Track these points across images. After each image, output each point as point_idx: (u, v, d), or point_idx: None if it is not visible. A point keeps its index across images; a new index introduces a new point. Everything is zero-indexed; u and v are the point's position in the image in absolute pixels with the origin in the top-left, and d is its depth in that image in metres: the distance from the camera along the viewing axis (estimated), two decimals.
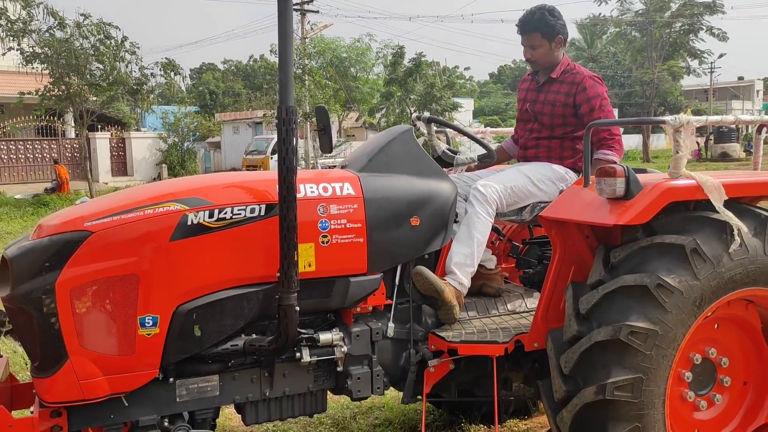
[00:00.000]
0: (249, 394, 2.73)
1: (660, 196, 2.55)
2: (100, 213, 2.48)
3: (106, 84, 19.80)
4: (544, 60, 3.37)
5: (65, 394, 2.39)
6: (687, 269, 2.51)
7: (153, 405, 2.56)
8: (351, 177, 2.85)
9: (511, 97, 52.30)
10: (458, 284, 2.99)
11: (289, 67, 2.44)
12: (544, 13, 3.31)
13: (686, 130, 2.59)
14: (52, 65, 18.89)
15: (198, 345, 2.56)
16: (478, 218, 3.02)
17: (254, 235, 2.57)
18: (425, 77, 29.11)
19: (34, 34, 18.84)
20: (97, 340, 2.41)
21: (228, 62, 55.59)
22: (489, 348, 2.85)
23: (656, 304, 2.47)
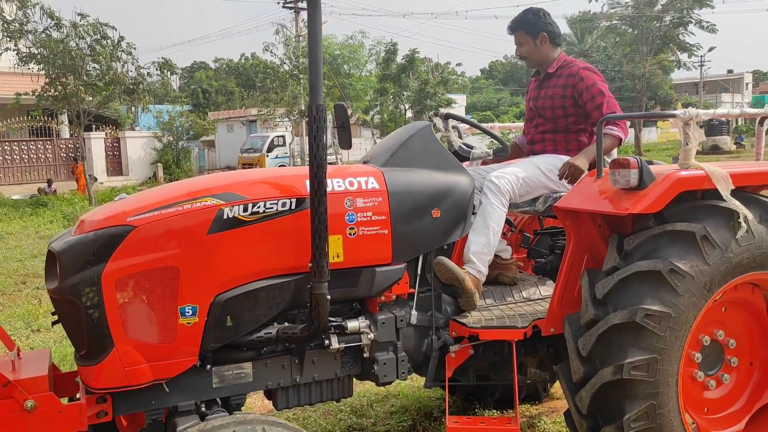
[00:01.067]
0: (280, 380, 2.85)
1: (672, 186, 2.68)
2: (142, 208, 2.59)
3: (102, 84, 19.81)
4: (533, 57, 3.60)
5: (111, 381, 2.51)
6: (698, 255, 2.64)
7: (191, 391, 2.68)
8: (375, 171, 2.97)
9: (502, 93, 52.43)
10: (477, 272, 3.14)
11: (319, 68, 2.55)
12: (527, 12, 3.58)
13: (695, 123, 2.73)
14: (48, 66, 18.88)
15: (234, 333, 2.68)
16: (493, 208, 3.17)
17: (286, 228, 2.70)
18: (419, 74, 29.29)
19: (31, 34, 18.80)
20: (141, 328, 2.52)
21: (220, 61, 55.48)
22: (509, 333, 2.99)
23: (669, 288, 2.61)
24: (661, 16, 35.04)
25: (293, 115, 27.55)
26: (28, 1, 18.61)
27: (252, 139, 29.77)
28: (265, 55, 28.06)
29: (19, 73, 19.23)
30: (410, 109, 29.56)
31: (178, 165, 27.87)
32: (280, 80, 27.26)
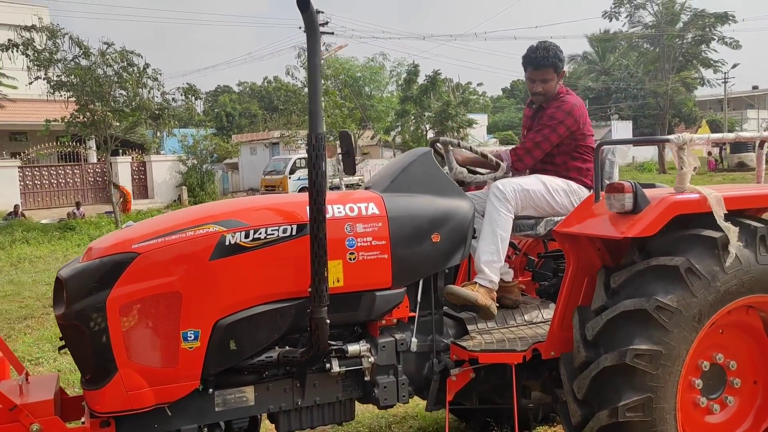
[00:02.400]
0: (282, 403, 2.88)
1: (667, 210, 2.69)
2: (146, 235, 2.68)
3: (129, 110, 20.26)
4: (551, 93, 3.56)
5: (114, 405, 2.56)
6: (683, 288, 2.62)
7: (194, 415, 2.73)
8: (375, 197, 3.02)
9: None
10: (488, 282, 3.16)
11: (318, 97, 2.63)
12: (557, 51, 3.51)
13: (689, 148, 2.75)
14: (77, 93, 19.38)
15: (236, 357, 2.73)
16: (499, 215, 3.19)
17: (287, 254, 2.75)
18: (440, 94, 29.44)
19: (60, 63, 19.35)
20: (144, 353, 2.58)
21: (243, 84, 56.36)
22: (508, 356, 2.99)
23: (657, 325, 2.59)
24: (683, 34, 34.86)
25: None
26: (57, 31, 19.21)
27: (275, 162, 30.07)
28: (287, 78, 28.47)
29: (49, 101, 19.75)
30: (431, 130, 29.68)
31: (202, 188, 28.23)
32: (301, 103, 27.58)
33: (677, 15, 34.74)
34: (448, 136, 29.30)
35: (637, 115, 45.53)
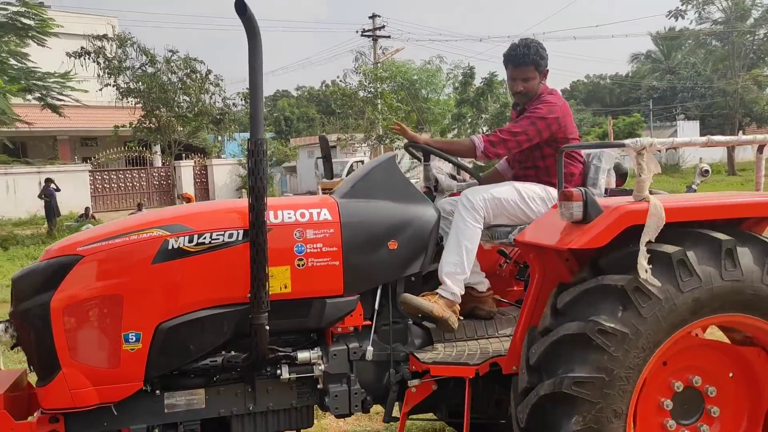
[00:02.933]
0: (234, 408, 2.84)
1: (617, 220, 2.46)
2: (92, 238, 2.71)
3: (192, 115, 20.92)
4: (531, 92, 3.41)
5: (58, 402, 2.61)
6: (631, 309, 2.38)
7: (143, 415, 2.73)
8: (330, 203, 2.94)
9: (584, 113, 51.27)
10: (450, 294, 3.01)
11: (259, 102, 2.60)
12: (538, 48, 3.36)
13: (649, 153, 2.51)
14: (144, 99, 20.14)
15: (179, 360, 2.72)
16: (465, 225, 3.05)
17: (232, 259, 2.70)
18: (497, 96, 29.12)
19: (129, 70, 20.15)
20: (86, 353, 2.61)
21: (301, 88, 57.27)
22: (460, 370, 2.83)
23: (600, 350, 2.36)
24: (755, 30, 33.39)
25: (371, 140, 27.99)
26: (126, 40, 20.02)
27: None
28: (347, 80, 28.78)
29: (116, 107, 20.60)
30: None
31: None
32: (356, 106, 27.82)
33: (748, 10, 33.30)
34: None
35: (705, 115, 43.80)
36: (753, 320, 2.57)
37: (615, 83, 55.71)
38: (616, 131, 33.27)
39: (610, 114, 32.30)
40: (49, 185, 19.41)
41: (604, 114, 41.56)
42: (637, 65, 49.61)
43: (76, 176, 23.59)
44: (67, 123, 21.08)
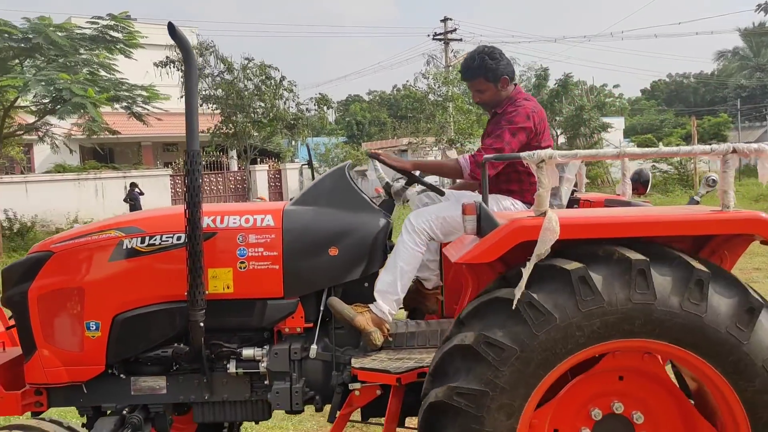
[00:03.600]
0: (192, 395, 3.09)
1: (508, 236, 2.39)
2: (65, 237, 3.12)
3: (266, 120, 21.48)
4: (494, 101, 3.40)
5: (35, 378, 3.01)
6: (522, 325, 2.29)
7: (112, 395, 3.07)
8: (275, 210, 3.10)
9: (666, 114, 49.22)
10: (379, 311, 3.04)
11: (194, 115, 2.77)
12: (484, 58, 3.32)
13: (549, 166, 2.39)
14: (222, 105, 20.85)
15: (133, 349, 3.03)
16: (404, 247, 3.08)
17: (179, 259, 2.88)
18: (572, 98, 28.40)
19: (208, 78, 20.93)
20: (57, 337, 3.00)
21: (373, 93, 57.74)
22: (382, 377, 2.85)
23: (486, 363, 2.30)
24: None
25: (442, 144, 27.91)
26: (207, 49, 20.82)
27: None
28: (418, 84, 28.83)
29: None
30: (562, 135, 28.68)
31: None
32: (427, 110, 27.80)
33: None
34: (581, 141, 28.34)
35: None
36: (672, 348, 2.32)
37: (699, 82, 53.28)
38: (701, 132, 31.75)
39: (694, 114, 30.88)
40: (134, 189, 20.34)
41: (688, 114, 39.77)
42: (724, 63, 47.23)
43: (158, 180, 24.62)
44: (151, 129, 22.06)
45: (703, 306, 2.27)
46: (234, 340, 3.11)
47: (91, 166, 25.04)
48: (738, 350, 2.29)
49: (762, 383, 2.29)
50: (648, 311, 2.28)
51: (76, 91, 13.47)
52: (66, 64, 14.39)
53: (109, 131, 16.76)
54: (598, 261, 2.35)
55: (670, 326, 2.29)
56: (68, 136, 20.25)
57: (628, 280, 2.29)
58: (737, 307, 2.30)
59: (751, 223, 2.39)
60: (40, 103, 15.41)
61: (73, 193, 21.99)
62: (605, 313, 2.28)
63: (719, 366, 2.32)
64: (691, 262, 2.32)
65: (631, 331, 2.31)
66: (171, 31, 2.77)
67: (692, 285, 2.28)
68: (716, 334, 2.28)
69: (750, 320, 2.29)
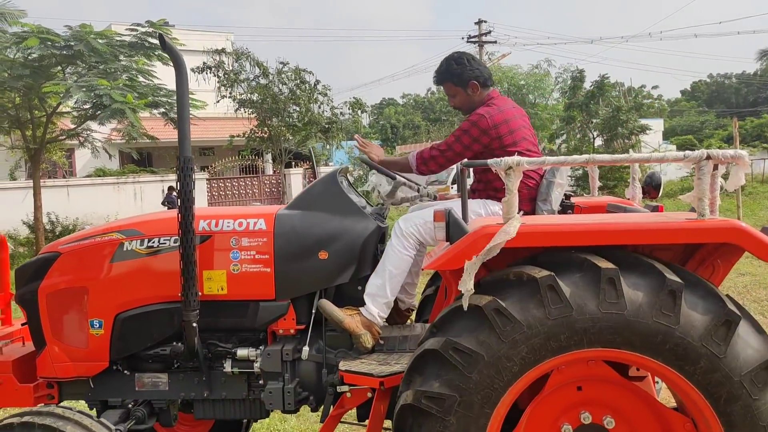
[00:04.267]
0: (193, 393, 3.21)
1: (475, 242, 2.40)
2: (71, 239, 3.27)
3: (301, 124, 21.62)
4: (466, 105, 3.44)
5: (46, 372, 3.17)
6: (489, 331, 2.29)
7: (117, 390, 3.23)
8: (267, 214, 3.20)
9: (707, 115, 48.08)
10: (369, 314, 3.09)
11: (186, 122, 2.87)
12: (450, 63, 3.41)
13: (516, 172, 2.39)
14: (257, 110, 21.06)
15: (135, 346, 3.16)
16: (393, 251, 3.13)
17: (175, 261, 2.96)
18: (609, 100, 27.91)
19: (244, 83, 21.17)
20: (64, 333, 3.15)
21: (407, 96, 57.76)
22: (365, 380, 2.89)
23: (453, 368, 2.31)
24: None
25: None
26: (242, 54, 21.07)
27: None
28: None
29: (231, 118, 21.67)
30: (599, 137, 28.24)
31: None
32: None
33: None
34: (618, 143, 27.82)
35: None
36: (642, 359, 2.27)
37: (742, 82, 51.85)
38: (743, 134, 30.90)
39: (736, 116, 30.09)
40: (171, 193, 20.72)
41: (729, 115, 38.75)
42: (767, 63, 45.94)
43: (195, 184, 25.01)
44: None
45: (675, 317, 2.23)
46: (229, 340, 3.22)
47: (130, 170, 25.57)
48: (715, 364, 2.23)
49: (741, 398, 2.23)
50: (619, 322, 2.25)
51: (116, 97, 13.77)
52: (106, 71, 14.72)
53: (147, 136, 17.06)
54: (568, 269, 2.34)
55: (644, 338, 2.25)
56: (108, 141, 20.72)
57: (597, 289, 2.26)
58: (713, 320, 2.24)
59: (727, 232, 2.33)
60: (81, 109, 15.78)
61: (113, 197, 22.49)
62: (574, 321, 2.27)
63: (693, 380, 2.27)
64: (663, 272, 2.28)
65: (601, 341, 2.28)
66: (162, 42, 2.86)
67: (664, 295, 2.24)
68: (691, 347, 2.23)
69: (726, 334, 2.23)
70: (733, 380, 2.22)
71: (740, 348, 2.23)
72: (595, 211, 3.42)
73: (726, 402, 2.24)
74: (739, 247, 2.42)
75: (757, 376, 2.22)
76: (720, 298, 2.30)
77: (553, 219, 2.84)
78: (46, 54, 14.07)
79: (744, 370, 2.22)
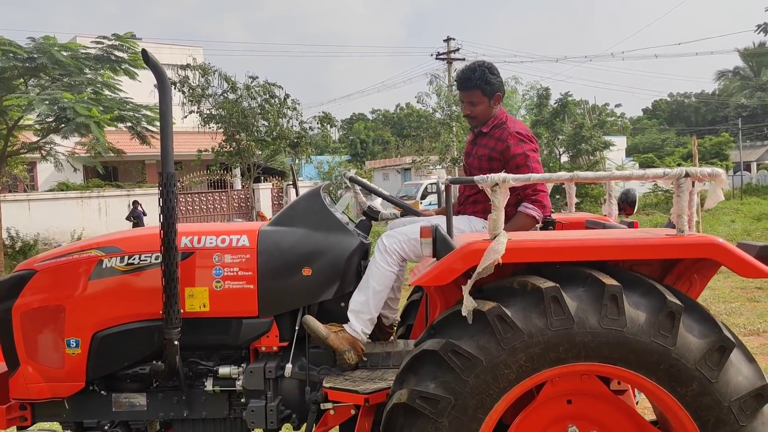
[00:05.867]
0: (172, 413, 3.13)
1: (462, 258, 2.42)
2: (48, 256, 3.19)
3: (270, 139, 21.55)
4: (483, 116, 3.39)
5: (19, 393, 3.08)
6: (490, 336, 2.31)
7: (93, 411, 3.13)
8: (250, 230, 3.15)
9: (667, 133, 49.28)
10: (353, 331, 3.07)
11: (169, 139, 2.85)
12: (485, 71, 3.34)
13: (503, 188, 2.41)
14: (225, 124, 20.94)
15: (113, 365, 3.07)
16: (377, 268, 3.11)
17: (157, 278, 2.92)
18: (574, 117, 28.47)
19: (211, 98, 21.04)
20: (39, 353, 3.06)
21: (376, 112, 58.04)
22: (350, 396, 2.86)
23: (450, 371, 2.32)
24: None
25: (446, 163, 27.96)
26: (209, 69, 20.96)
27: (406, 187, 30.56)
28: (419, 105, 28.93)
29: (199, 133, 21.48)
30: (565, 153, 28.74)
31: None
32: (432, 129, 27.89)
33: None
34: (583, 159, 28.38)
35: None
36: (636, 377, 2.30)
37: (701, 102, 53.40)
38: (702, 151, 31.77)
39: (695, 134, 30.96)
40: (137, 207, 20.42)
41: (689, 134, 39.84)
42: (725, 83, 47.44)
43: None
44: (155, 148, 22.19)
45: (672, 339, 2.26)
46: (211, 358, 3.17)
47: (95, 184, 25.13)
48: (707, 388, 2.26)
49: (729, 424, 2.26)
50: (618, 338, 2.27)
51: (80, 111, 13.55)
52: (70, 84, 14.49)
53: (113, 150, 16.80)
54: (573, 283, 2.36)
55: (642, 357, 2.27)
56: (72, 154, 20.35)
57: (599, 305, 2.29)
58: (708, 345, 2.27)
59: (706, 248, 2.38)
60: (43, 122, 15.50)
61: (77, 212, 22.07)
62: (575, 334, 2.28)
63: (683, 401, 2.29)
64: (664, 293, 2.31)
65: (600, 355, 2.29)
66: (145, 58, 2.85)
67: (663, 316, 2.27)
68: (685, 369, 2.26)
69: (720, 359, 2.26)
70: (722, 405, 2.24)
71: (732, 374, 2.26)
72: (575, 227, 3.48)
73: (714, 426, 2.27)
74: (715, 263, 2.47)
75: (746, 403, 2.25)
76: (716, 323, 2.33)
77: (539, 235, 2.88)
78: (8, 66, 13.78)
79: (734, 396, 2.25)
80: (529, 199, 3.18)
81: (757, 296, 8.75)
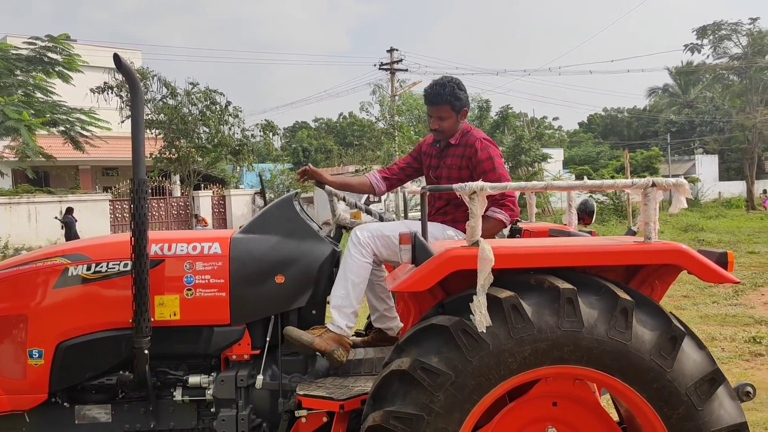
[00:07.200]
0: (138, 424, 3.05)
1: (441, 265, 2.44)
2: (9, 264, 3.10)
3: (211, 146, 21.22)
4: (450, 131, 3.44)
5: None
6: (456, 350, 2.33)
7: (55, 424, 3.02)
8: (222, 237, 3.13)
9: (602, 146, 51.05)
10: (336, 327, 3.06)
11: (140, 146, 2.84)
12: (454, 87, 3.39)
13: (481, 197, 2.46)
14: (165, 130, 20.50)
15: (78, 376, 2.99)
16: (352, 260, 3.11)
17: (126, 286, 2.89)
18: (513, 129, 29.23)
19: (150, 103, 20.56)
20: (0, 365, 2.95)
21: (319, 120, 57.87)
22: (326, 403, 2.86)
23: (421, 388, 2.33)
24: None
25: None
26: (147, 73, 20.50)
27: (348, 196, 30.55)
28: (362, 114, 29.07)
29: None
30: (506, 164, 29.44)
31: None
32: (375, 138, 28.06)
33: (766, 45, 33.25)
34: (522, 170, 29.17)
35: (724, 149, 43.59)
36: (600, 375, 2.39)
37: (633, 117, 55.63)
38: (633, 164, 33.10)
39: (627, 147, 32.22)
40: (69, 214, 19.68)
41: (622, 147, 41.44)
42: (655, 99, 49.59)
43: (96, 205, 23.90)
44: (89, 153, 21.48)
45: (628, 334, 2.34)
46: (180, 367, 3.11)
47: (24, 189, 24.06)
48: (662, 378, 2.35)
49: (686, 410, 2.36)
50: (577, 339, 2.34)
51: (10, 114, 13.02)
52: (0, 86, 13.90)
53: (43, 155, 16.19)
54: (530, 290, 2.41)
55: (600, 354, 2.35)
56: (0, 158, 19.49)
57: (556, 308, 2.34)
58: (661, 336, 2.36)
59: (671, 254, 2.49)
60: None
61: (4, 218, 21.07)
62: (537, 340, 2.33)
63: (645, 393, 2.38)
64: (616, 291, 2.40)
65: (562, 358, 2.35)
66: (117, 63, 2.79)
67: (617, 313, 2.35)
68: (641, 362, 2.34)
69: (673, 348, 2.36)
70: (679, 392, 2.35)
71: (685, 362, 2.36)
72: (541, 235, 3.57)
73: (673, 415, 2.37)
74: (676, 268, 2.59)
75: (700, 387, 2.36)
76: (666, 315, 2.44)
77: (514, 242, 2.91)
78: None
79: (689, 382, 2.35)
80: (497, 204, 3.22)
81: (683, 304, 9.16)
